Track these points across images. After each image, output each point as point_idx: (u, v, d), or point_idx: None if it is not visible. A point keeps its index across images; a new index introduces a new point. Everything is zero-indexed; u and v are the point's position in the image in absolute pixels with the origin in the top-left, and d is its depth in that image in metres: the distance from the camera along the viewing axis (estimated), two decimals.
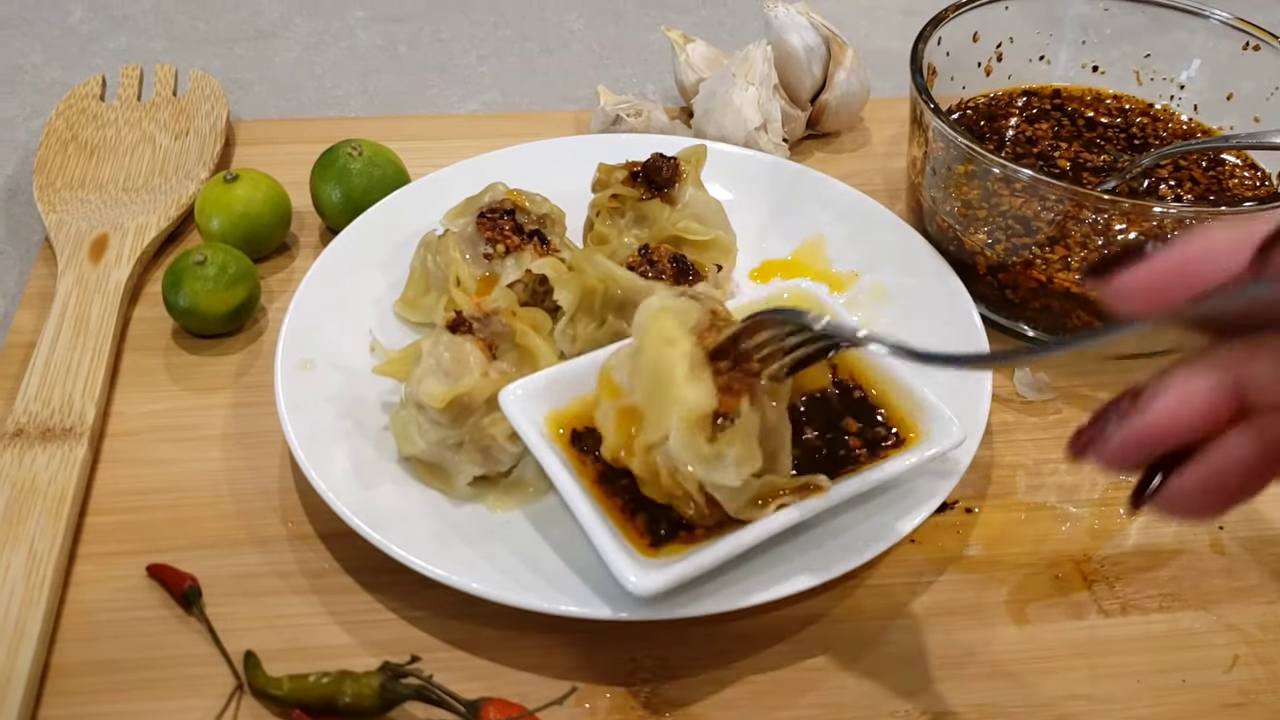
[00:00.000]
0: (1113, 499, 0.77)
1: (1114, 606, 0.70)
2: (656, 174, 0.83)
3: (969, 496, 0.76)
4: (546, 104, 1.14)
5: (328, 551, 0.71)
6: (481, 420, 0.69)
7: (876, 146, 1.07)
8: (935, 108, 0.84)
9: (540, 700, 0.63)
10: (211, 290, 0.82)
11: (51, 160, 0.97)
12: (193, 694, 0.63)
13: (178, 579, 0.68)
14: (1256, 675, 0.67)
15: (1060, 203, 0.80)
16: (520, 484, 0.72)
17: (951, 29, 0.93)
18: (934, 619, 0.69)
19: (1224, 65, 0.94)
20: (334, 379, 0.76)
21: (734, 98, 0.98)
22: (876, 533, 0.67)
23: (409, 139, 1.01)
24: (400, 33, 1.23)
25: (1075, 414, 0.82)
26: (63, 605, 0.68)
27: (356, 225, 0.87)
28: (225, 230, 0.88)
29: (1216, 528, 0.75)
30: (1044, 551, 0.73)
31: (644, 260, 0.78)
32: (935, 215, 0.88)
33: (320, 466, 0.69)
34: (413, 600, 0.68)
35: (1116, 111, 0.98)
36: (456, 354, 0.70)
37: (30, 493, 0.71)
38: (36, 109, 1.09)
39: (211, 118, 1.02)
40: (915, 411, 0.70)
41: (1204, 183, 0.92)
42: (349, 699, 0.61)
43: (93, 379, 0.79)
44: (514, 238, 0.80)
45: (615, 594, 0.64)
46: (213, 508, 0.73)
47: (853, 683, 0.65)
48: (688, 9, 1.29)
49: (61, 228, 0.90)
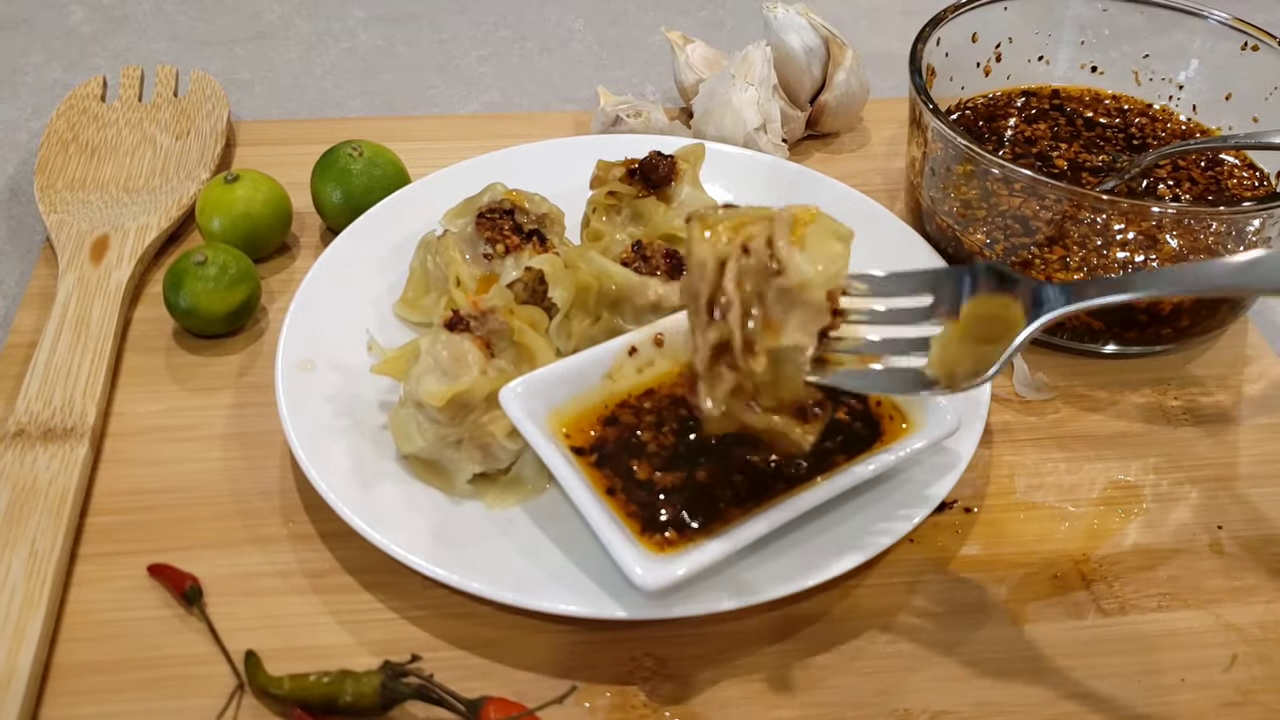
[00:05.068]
0: (1112, 499, 0.77)
1: (1113, 606, 0.70)
2: (653, 171, 0.83)
3: (968, 496, 0.76)
4: (546, 104, 1.14)
5: (328, 551, 0.71)
6: (480, 418, 0.70)
7: (876, 147, 1.07)
8: (934, 108, 0.84)
9: (540, 700, 0.63)
10: (212, 290, 0.82)
11: (53, 161, 0.97)
12: (193, 694, 0.64)
13: (178, 579, 0.68)
14: (1255, 674, 0.67)
15: (1059, 203, 0.80)
16: (519, 481, 0.72)
17: (950, 30, 0.93)
18: (934, 619, 0.69)
19: (1222, 65, 0.94)
20: (334, 379, 0.76)
21: (733, 98, 0.98)
22: (876, 532, 0.67)
23: (409, 139, 1.02)
24: (400, 33, 1.23)
25: (1074, 413, 0.82)
26: (63, 605, 0.68)
27: (356, 226, 0.87)
28: (226, 231, 0.88)
29: (1216, 527, 0.75)
30: (1043, 551, 0.73)
31: (637, 256, 0.78)
32: (934, 215, 0.88)
33: (320, 466, 0.70)
34: (413, 600, 0.68)
35: (1115, 112, 0.98)
36: (455, 352, 0.70)
37: (31, 493, 0.71)
38: (37, 110, 1.09)
39: (212, 118, 1.02)
40: (909, 401, 0.70)
41: (1202, 183, 0.92)
42: (350, 698, 0.61)
43: (94, 379, 0.79)
44: (513, 238, 0.80)
45: (616, 593, 0.64)
46: (213, 508, 0.73)
47: (853, 683, 0.66)
48: (687, 9, 1.29)
49: (62, 228, 0.91)
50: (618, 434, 0.69)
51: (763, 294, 0.59)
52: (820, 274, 0.58)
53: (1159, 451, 0.80)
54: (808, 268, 0.58)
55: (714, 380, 0.60)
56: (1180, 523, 0.75)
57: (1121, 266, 0.82)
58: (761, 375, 0.59)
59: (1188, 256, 0.82)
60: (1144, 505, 0.76)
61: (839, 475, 0.66)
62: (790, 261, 0.58)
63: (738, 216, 0.61)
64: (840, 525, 0.68)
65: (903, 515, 0.68)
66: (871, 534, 0.67)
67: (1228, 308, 0.84)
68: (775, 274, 0.58)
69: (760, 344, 0.59)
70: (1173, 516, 0.76)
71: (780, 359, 0.59)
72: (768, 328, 0.59)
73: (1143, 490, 0.77)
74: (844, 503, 0.69)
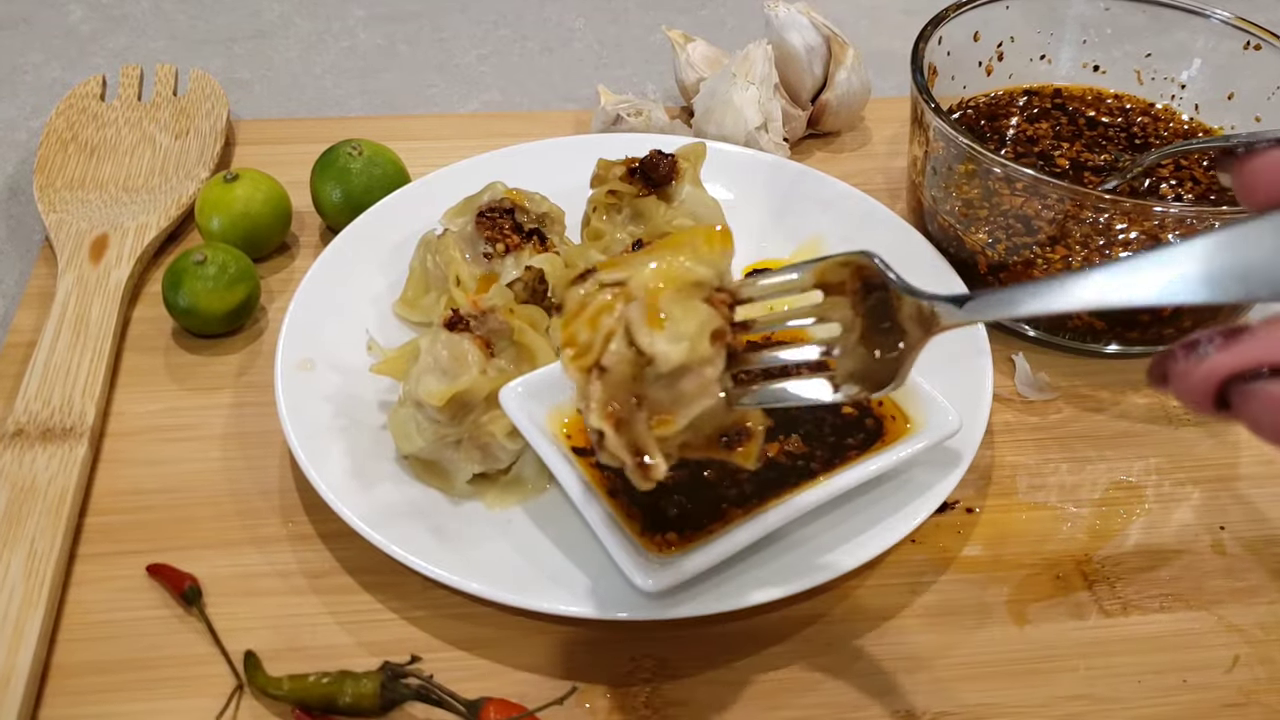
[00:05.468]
0: (1114, 499, 0.76)
1: (1115, 606, 0.70)
2: (654, 170, 0.83)
3: (970, 496, 0.76)
4: (546, 104, 1.13)
5: (328, 551, 0.71)
6: (480, 418, 0.69)
7: (877, 146, 1.07)
8: (936, 107, 0.84)
9: (540, 700, 0.63)
10: (211, 290, 0.82)
11: (52, 160, 0.97)
12: (193, 694, 0.63)
13: (178, 579, 0.68)
14: (1257, 675, 0.67)
15: (1061, 202, 0.80)
16: (519, 481, 0.72)
17: (952, 28, 0.92)
18: (934, 619, 0.69)
19: (1225, 65, 0.94)
20: (334, 379, 0.76)
21: (734, 97, 0.98)
22: (877, 532, 0.67)
23: (409, 139, 1.01)
24: (400, 32, 1.23)
25: (1076, 413, 0.82)
26: (63, 605, 0.68)
27: (356, 225, 0.87)
28: (225, 230, 0.88)
29: (1218, 528, 0.75)
30: (1045, 551, 0.73)
31: None
32: (936, 215, 0.88)
33: (320, 466, 0.69)
34: (413, 600, 0.68)
35: (1117, 111, 0.98)
36: (455, 352, 0.70)
37: (30, 493, 0.71)
38: (37, 109, 1.09)
39: (211, 117, 1.02)
40: (911, 402, 0.70)
41: (1205, 182, 0.91)
42: (349, 699, 0.61)
43: (93, 379, 0.79)
44: (513, 237, 0.80)
45: (616, 593, 0.64)
46: (213, 507, 0.73)
47: (853, 683, 0.65)
48: (688, 9, 1.29)
49: (62, 227, 0.90)
50: None
51: (640, 395, 0.54)
52: (693, 348, 0.53)
53: (1161, 452, 0.80)
54: (675, 348, 0.52)
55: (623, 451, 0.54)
56: (1182, 523, 0.75)
57: None
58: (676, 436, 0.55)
59: None
60: (1146, 506, 0.76)
61: (840, 475, 0.66)
62: (655, 352, 0.52)
63: (593, 307, 0.54)
64: (841, 525, 0.68)
65: (904, 515, 0.68)
66: (873, 534, 0.67)
67: (1229, 307, 0.83)
68: (645, 364, 0.53)
69: (662, 440, 0.54)
70: (1175, 517, 0.76)
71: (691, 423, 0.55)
72: (658, 421, 0.54)
73: (1145, 490, 0.77)
74: (845, 503, 0.68)
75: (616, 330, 0.54)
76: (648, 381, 0.54)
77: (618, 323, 0.54)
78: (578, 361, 0.54)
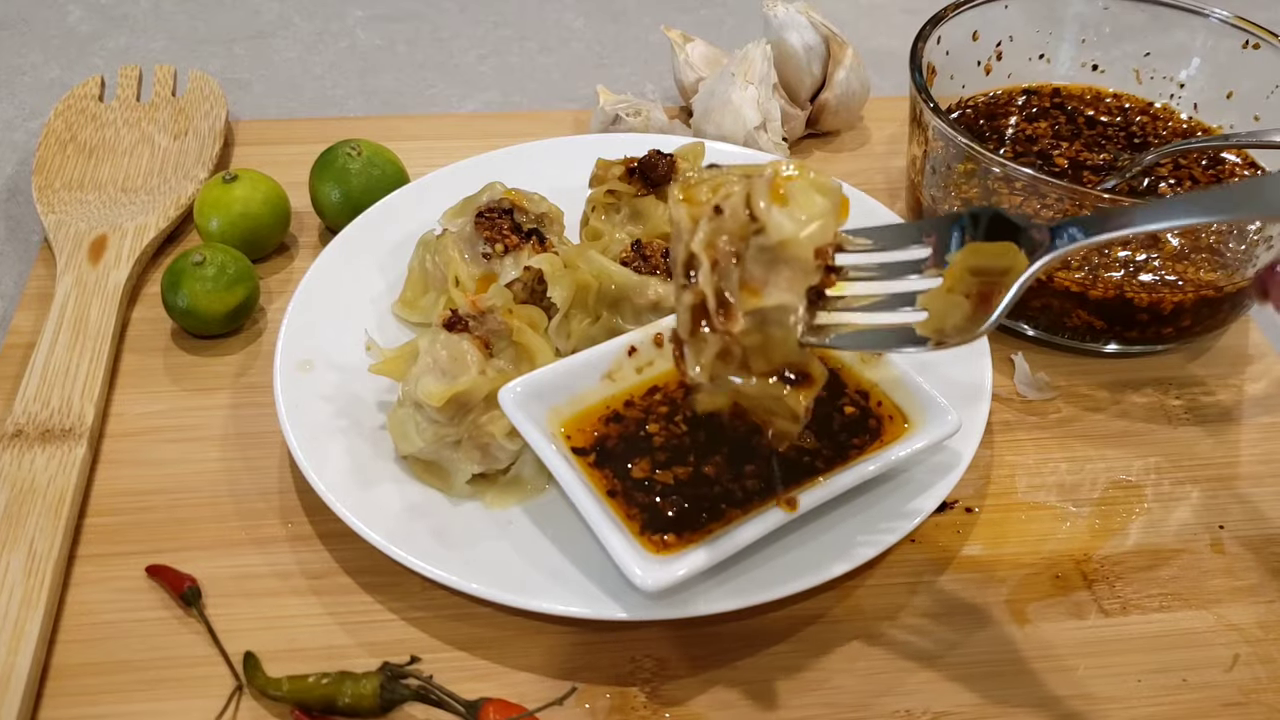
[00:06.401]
0: (1113, 498, 0.76)
1: (1114, 606, 0.70)
2: (652, 170, 0.83)
3: (969, 496, 0.76)
4: (546, 103, 1.13)
5: (327, 552, 0.71)
6: (479, 418, 0.69)
7: (876, 145, 1.07)
8: (935, 107, 0.84)
9: (540, 700, 0.63)
10: (210, 291, 0.81)
11: (50, 161, 0.97)
12: (192, 694, 0.63)
13: (177, 580, 0.68)
14: (1257, 674, 0.67)
15: (1060, 201, 0.80)
16: (518, 481, 0.72)
17: (951, 28, 0.92)
18: (935, 619, 0.69)
19: (1224, 64, 0.94)
20: (333, 379, 0.76)
21: (733, 97, 0.98)
22: (876, 532, 0.67)
23: (408, 139, 1.01)
24: (400, 32, 1.23)
25: (1075, 413, 0.82)
26: (62, 606, 0.68)
27: (355, 225, 0.87)
28: (224, 230, 0.88)
29: (1217, 527, 0.75)
30: (1044, 551, 0.73)
31: (637, 255, 0.78)
32: (935, 214, 0.88)
33: (319, 466, 0.69)
34: (412, 601, 0.68)
35: (1116, 110, 0.98)
36: (454, 352, 0.70)
37: (30, 493, 0.71)
38: (35, 109, 1.09)
39: (210, 118, 1.02)
40: (911, 402, 0.70)
41: (1204, 181, 0.91)
42: (349, 699, 0.61)
43: (92, 379, 0.79)
44: (512, 237, 0.80)
45: (616, 593, 0.64)
46: (212, 508, 0.73)
47: (853, 683, 0.65)
48: (688, 8, 1.29)
49: (60, 228, 0.90)
50: (617, 434, 0.69)
51: (741, 254, 0.56)
52: (803, 230, 0.55)
53: (1160, 451, 0.80)
54: (789, 225, 0.55)
55: (698, 346, 0.58)
56: (1182, 522, 0.75)
57: (1123, 265, 0.81)
58: (746, 337, 0.57)
59: (1189, 255, 0.81)
60: (1145, 505, 0.76)
61: (839, 475, 0.66)
62: (769, 219, 0.55)
63: (719, 177, 0.59)
64: (841, 525, 0.68)
65: (904, 515, 0.68)
66: (872, 534, 0.67)
67: (1229, 307, 0.83)
68: (754, 233, 0.56)
69: (739, 305, 0.57)
70: (1174, 516, 0.76)
71: (766, 320, 0.57)
72: (747, 288, 0.57)
73: (1144, 490, 0.77)
74: (845, 503, 0.68)
75: (736, 194, 0.57)
76: (750, 254, 0.56)
77: (741, 188, 0.57)
78: (694, 209, 0.57)
